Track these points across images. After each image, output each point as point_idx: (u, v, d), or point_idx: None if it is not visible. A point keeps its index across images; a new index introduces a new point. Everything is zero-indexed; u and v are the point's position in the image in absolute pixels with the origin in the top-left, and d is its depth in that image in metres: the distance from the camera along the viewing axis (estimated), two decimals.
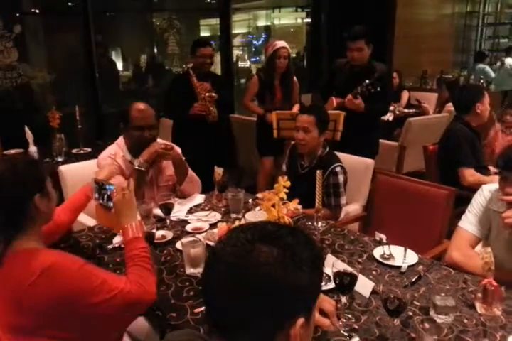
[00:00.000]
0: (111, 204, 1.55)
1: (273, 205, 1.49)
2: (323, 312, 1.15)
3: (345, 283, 1.24)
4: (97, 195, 1.66)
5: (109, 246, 1.76)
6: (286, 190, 1.49)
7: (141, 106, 2.09)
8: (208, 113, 3.20)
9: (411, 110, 5.04)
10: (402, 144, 4.10)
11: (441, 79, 5.91)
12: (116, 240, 1.79)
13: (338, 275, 1.26)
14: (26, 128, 3.25)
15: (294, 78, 3.54)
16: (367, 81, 2.89)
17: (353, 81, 2.98)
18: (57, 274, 1.09)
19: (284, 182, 1.46)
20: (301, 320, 0.68)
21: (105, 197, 1.60)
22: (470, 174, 2.52)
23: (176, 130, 3.45)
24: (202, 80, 3.20)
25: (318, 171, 1.50)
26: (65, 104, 3.81)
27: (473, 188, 2.41)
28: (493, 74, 6.34)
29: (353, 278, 1.25)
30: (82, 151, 3.25)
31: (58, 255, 1.16)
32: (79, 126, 3.19)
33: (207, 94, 3.16)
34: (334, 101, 3.04)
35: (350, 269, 1.27)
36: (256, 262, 0.67)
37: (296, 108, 3.37)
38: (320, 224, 1.52)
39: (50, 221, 1.31)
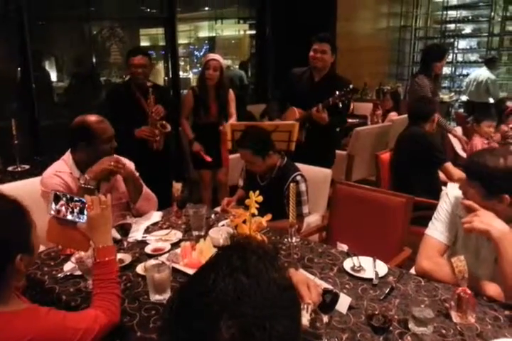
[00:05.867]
0: (83, 218, 1.39)
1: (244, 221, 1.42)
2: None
3: (327, 301, 1.19)
4: (58, 207, 1.44)
5: (60, 275, 1.58)
6: (258, 206, 1.42)
7: (97, 118, 1.95)
8: (154, 141, 3.02)
9: (355, 120, 5.21)
10: (351, 153, 4.19)
11: (380, 90, 6.17)
12: (68, 267, 1.62)
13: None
14: None
15: (230, 91, 3.44)
16: (338, 92, 2.84)
17: (316, 90, 2.97)
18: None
19: (255, 197, 1.39)
20: None
21: (75, 210, 1.42)
22: (458, 173, 2.66)
23: (120, 144, 3.26)
24: (143, 94, 3.01)
25: (291, 184, 1.45)
26: None
27: (432, 193, 2.53)
28: None
29: (335, 297, 1.20)
30: (19, 169, 2.98)
31: (41, 317, 1.05)
32: (15, 142, 2.92)
33: (160, 122, 2.99)
34: (296, 111, 3.00)
35: (330, 287, 1.22)
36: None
37: (231, 120, 3.32)
38: (294, 239, 1.46)
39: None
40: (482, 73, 6.14)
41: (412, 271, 1.77)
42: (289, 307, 0.62)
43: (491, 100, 6.09)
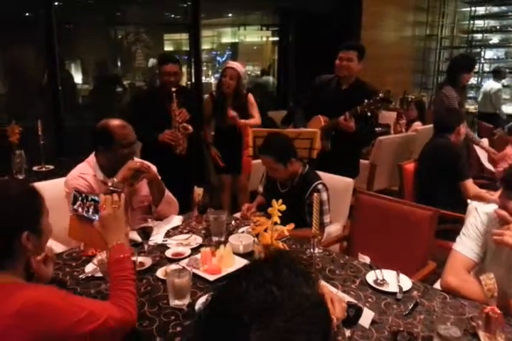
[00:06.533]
0: (96, 217, 1.41)
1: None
2: None
3: (350, 315, 1.16)
4: (76, 207, 1.49)
5: (82, 276, 1.59)
6: (280, 214, 1.40)
7: (120, 122, 1.96)
8: (177, 144, 3.00)
9: (378, 129, 5.14)
10: (373, 162, 4.13)
11: (404, 99, 6.08)
12: (89, 269, 1.63)
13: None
14: None
15: (249, 96, 3.41)
16: (366, 101, 2.73)
17: (343, 98, 2.89)
18: (41, 312, 0.97)
19: (278, 205, 1.37)
20: None
21: (90, 209, 1.44)
22: (475, 189, 2.62)
23: (145, 148, 3.29)
24: (168, 98, 2.98)
25: (315, 194, 1.43)
26: (23, 118, 3.57)
27: (457, 206, 2.47)
28: None
29: (359, 311, 1.17)
30: (44, 168, 3.03)
31: (39, 291, 1.03)
32: (41, 142, 2.97)
33: (182, 124, 2.97)
34: (322, 119, 2.93)
35: (353, 301, 1.19)
36: None
37: (253, 120, 3.31)
38: (317, 250, 1.44)
39: (39, 255, 1.19)
40: (490, 84, 6.14)
41: (436, 285, 1.72)
42: (320, 324, 0.61)
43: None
